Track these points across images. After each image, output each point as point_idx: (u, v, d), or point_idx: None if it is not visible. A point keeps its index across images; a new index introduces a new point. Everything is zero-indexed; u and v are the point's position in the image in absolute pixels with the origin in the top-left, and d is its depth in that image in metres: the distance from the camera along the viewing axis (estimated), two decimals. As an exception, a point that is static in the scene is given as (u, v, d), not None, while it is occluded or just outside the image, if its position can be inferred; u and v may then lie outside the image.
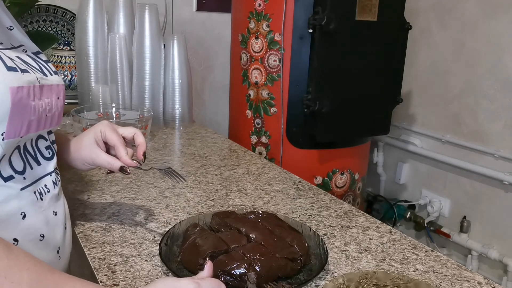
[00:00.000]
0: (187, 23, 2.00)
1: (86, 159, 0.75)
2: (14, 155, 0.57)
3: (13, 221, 0.56)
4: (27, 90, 0.55)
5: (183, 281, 0.52)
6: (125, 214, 0.90)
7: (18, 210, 0.57)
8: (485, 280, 0.72)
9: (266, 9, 1.64)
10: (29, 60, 0.62)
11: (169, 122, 1.61)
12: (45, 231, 0.60)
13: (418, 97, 2.27)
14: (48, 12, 1.72)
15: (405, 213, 2.32)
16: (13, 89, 0.53)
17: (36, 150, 0.62)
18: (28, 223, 0.58)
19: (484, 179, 1.98)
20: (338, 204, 1.00)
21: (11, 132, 0.53)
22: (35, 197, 0.60)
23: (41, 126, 0.60)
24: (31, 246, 0.58)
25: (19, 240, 0.56)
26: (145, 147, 0.77)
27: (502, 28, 1.87)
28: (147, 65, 1.52)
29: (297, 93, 1.62)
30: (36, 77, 0.58)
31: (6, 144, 0.53)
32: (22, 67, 0.57)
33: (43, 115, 0.60)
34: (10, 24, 0.63)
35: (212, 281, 0.54)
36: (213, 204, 0.97)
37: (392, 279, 0.67)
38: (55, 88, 0.63)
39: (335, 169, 1.74)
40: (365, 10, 1.55)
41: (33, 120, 0.57)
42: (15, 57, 0.58)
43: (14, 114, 0.53)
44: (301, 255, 0.70)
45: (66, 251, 0.67)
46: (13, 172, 0.56)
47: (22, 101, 0.54)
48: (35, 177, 0.61)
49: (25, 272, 0.45)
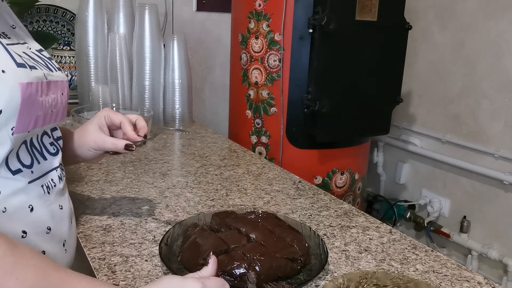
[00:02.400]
0: (187, 23, 2.00)
1: (91, 145, 0.77)
2: (22, 150, 0.58)
3: (21, 213, 0.57)
4: (36, 86, 0.56)
5: (188, 281, 0.52)
6: (125, 214, 0.90)
7: (26, 203, 0.57)
8: (485, 280, 0.72)
9: (266, 9, 1.64)
10: (35, 56, 0.63)
11: (169, 122, 1.61)
12: (51, 224, 0.61)
13: (418, 97, 2.27)
14: (48, 12, 1.72)
15: (405, 213, 2.32)
16: (23, 85, 0.53)
17: (42, 146, 0.63)
18: (36, 216, 0.59)
19: (484, 179, 1.98)
20: (338, 204, 1.00)
21: (20, 127, 0.54)
22: (42, 191, 0.61)
23: (46, 121, 0.61)
24: (39, 238, 0.58)
25: (27, 233, 0.56)
26: (147, 130, 0.79)
27: (502, 28, 1.87)
28: (147, 65, 1.52)
29: (297, 93, 1.62)
30: (43, 73, 0.59)
31: (15, 138, 0.54)
32: (30, 63, 0.58)
33: (49, 111, 0.61)
34: (13, 23, 0.64)
35: (217, 280, 0.55)
36: (213, 204, 0.97)
37: (392, 279, 0.67)
38: (60, 84, 0.64)
39: (335, 169, 1.74)
40: (365, 10, 1.55)
41: (40, 115, 0.58)
42: (22, 53, 0.59)
43: (24, 110, 0.54)
44: (301, 255, 0.70)
45: (72, 245, 0.68)
46: (21, 166, 0.57)
47: (31, 97, 0.55)
48: (42, 171, 0.62)
49: (30, 268, 0.45)
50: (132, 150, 0.76)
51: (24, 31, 0.66)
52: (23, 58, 0.57)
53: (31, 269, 0.45)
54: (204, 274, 0.57)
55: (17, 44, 0.61)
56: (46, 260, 0.48)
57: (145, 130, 0.79)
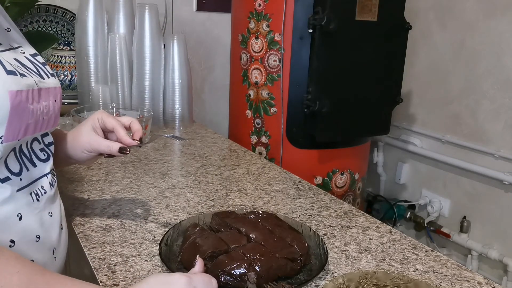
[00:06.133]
0: (187, 23, 2.00)
1: (85, 146, 0.76)
2: (10, 157, 0.57)
3: (10, 222, 0.56)
4: (26, 94, 0.56)
5: (175, 276, 0.53)
6: (125, 214, 0.90)
7: (14, 212, 0.57)
8: (485, 280, 0.72)
9: (266, 9, 1.64)
10: (27, 62, 0.62)
11: (169, 122, 1.60)
12: (40, 232, 0.61)
13: (418, 97, 2.27)
14: (48, 12, 1.72)
15: (405, 213, 2.32)
16: (12, 93, 0.53)
17: (31, 152, 0.62)
18: (24, 224, 0.58)
19: (484, 179, 1.98)
20: (338, 204, 1.00)
21: (9, 136, 0.54)
22: (30, 199, 0.60)
23: (38, 129, 0.60)
24: (27, 247, 0.58)
25: (15, 242, 0.56)
26: (142, 133, 0.78)
27: (502, 28, 1.87)
28: (147, 65, 1.52)
29: (297, 93, 1.62)
30: (34, 81, 0.59)
31: (4, 147, 0.53)
32: (21, 70, 0.57)
33: (40, 118, 0.60)
34: (8, 26, 0.63)
35: (203, 275, 0.55)
36: (213, 204, 0.97)
37: (392, 279, 0.67)
38: (53, 91, 0.64)
39: (335, 169, 1.74)
40: (365, 10, 1.55)
41: (30, 123, 0.57)
42: (13, 60, 0.58)
43: (13, 118, 0.53)
44: (301, 255, 0.70)
45: (62, 251, 0.67)
46: (9, 174, 0.57)
47: (21, 105, 0.54)
48: (31, 179, 0.61)
49: (15, 275, 0.45)
50: (126, 154, 0.75)
51: (20, 34, 0.65)
52: (14, 65, 0.56)
53: (16, 275, 0.45)
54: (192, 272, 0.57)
55: (9, 50, 0.60)
56: (31, 265, 0.48)
57: (140, 133, 0.77)
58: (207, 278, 0.55)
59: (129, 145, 0.75)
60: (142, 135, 0.78)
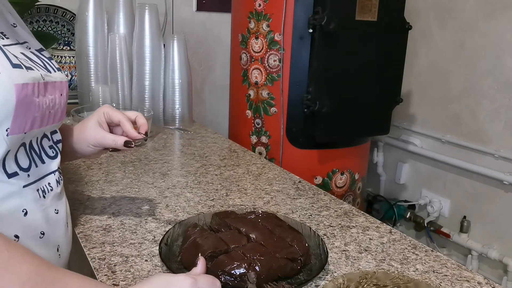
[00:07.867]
0: (187, 23, 2.00)
1: (90, 141, 0.77)
2: (20, 152, 0.57)
3: (14, 217, 0.56)
4: (32, 87, 0.56)
5: (179, 277, 0.53)
6: (125, 214, 0.90)
7: (20, 207, 0.57)
8: (485, 280, 0.72)
9: (266, 9, 1.64)
10: (33, 57, 0.62)
11: (169, 122, 1.61)
12: (45, 229, 0.61)
13: (418, 97, 2.27)
14: (48, 12, 1.72)
15: (405, 213, 2.32)
16: (18, 86, 0.53)
17: (41, 149, 0.63)
18: (29, 220, 0.58)
19: (484, 179, 1.98)
20: (338, 204, 1.00)
21: (15, 128, 0.54)
22: (37, 195, 0.60)
23: (44, 123, 0.61)
24: (31, 243, 0.58)
25: (19, 237, 0.56)
26: (147, 127, 0.79)
27: (502, 28, 1.87)
28: (147, 65, 1.52)
29: (297, 93, 1.62)
30: (40, 74, 0.59)
31: (10, 139, 0.54)
32: (27, 64, 0.58)
33: (46, 112, 0.60)
34: (14, 22, 0.64)
35: (207, 277, 0.55)
36: (213, 204, 0.97)
37: (392, 279, 0.67)
38: (59, 85, 0.64)
39: (335, 169, 1.74)
40: (365, 10, 1.55)
41: (37, 116, 0.58)
42: (19, 53, 0.59)
43: (19, 111, 0.54)
44: (301, 255, 0.70)
45: (66, 249, 0.68)
46: (18, 169, 0.57)
47: (27, 98, 0.55)
48: (39, 175, 0.61)
49: (25, 264, 0.46)
50: (131, 147, 0.76)
51: (26, 29, 0.66)
52: (20, 59, 0.57)
53: (26, 265, 0.46)
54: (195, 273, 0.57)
55: (16, 44, 0.60)
56: (38, 258, 0.48)
57: (145, 127, 0.78)
58: (211, 279, 0.55)
59: (135, 139, 0.76)
60: (147, 129, 0.79)
